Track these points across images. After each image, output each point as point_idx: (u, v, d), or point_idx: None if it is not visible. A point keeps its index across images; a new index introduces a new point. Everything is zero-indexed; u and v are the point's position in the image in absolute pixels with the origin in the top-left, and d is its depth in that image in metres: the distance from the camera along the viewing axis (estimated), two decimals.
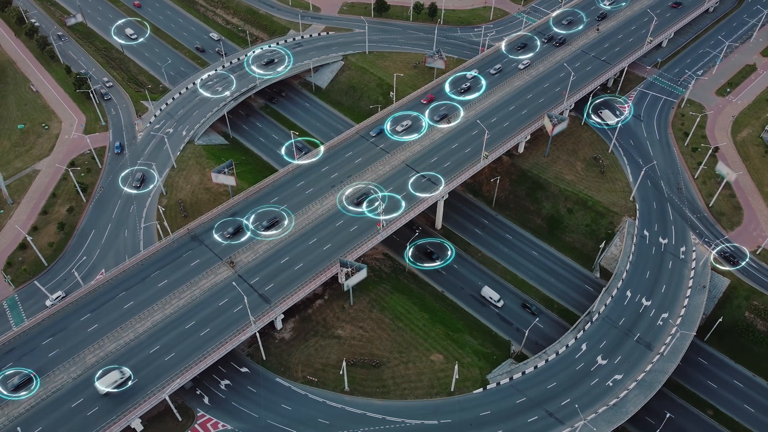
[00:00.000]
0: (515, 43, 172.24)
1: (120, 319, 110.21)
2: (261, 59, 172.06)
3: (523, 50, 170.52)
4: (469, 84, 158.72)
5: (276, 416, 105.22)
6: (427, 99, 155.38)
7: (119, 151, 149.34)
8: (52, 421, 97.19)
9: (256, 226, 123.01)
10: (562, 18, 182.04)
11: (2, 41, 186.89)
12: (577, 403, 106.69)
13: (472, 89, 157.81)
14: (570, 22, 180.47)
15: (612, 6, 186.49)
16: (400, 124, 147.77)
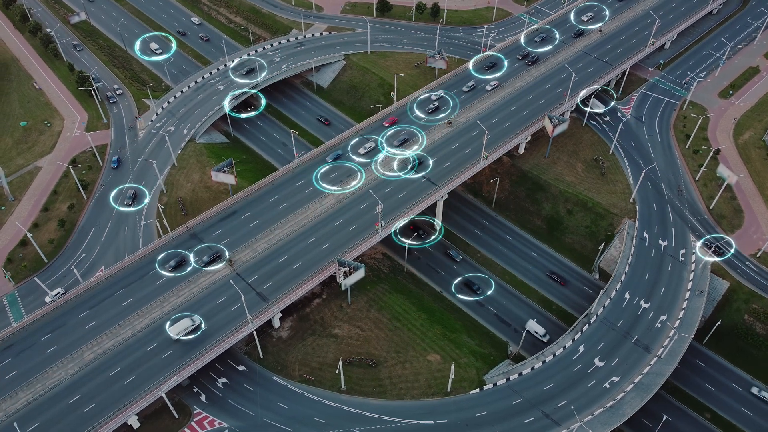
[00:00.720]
0: (484, 63, 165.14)
1: (118, 317, 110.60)
2: (241, 68, 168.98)
3: (491, 70, 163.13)
4: (437, 104, 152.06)
5: (272, 414, 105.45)
6: (388, 122, 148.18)
7: (116, 165, 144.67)
8: (48, 417, 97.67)
9: (197, 261, 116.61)
10: (535, 35, 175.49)
11: (6, 39, 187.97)
12: (573, 405, 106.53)
13: (441, 110, 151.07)
14: (543, 39, 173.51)
15: (590, 24, 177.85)
16: (363, 146, 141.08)
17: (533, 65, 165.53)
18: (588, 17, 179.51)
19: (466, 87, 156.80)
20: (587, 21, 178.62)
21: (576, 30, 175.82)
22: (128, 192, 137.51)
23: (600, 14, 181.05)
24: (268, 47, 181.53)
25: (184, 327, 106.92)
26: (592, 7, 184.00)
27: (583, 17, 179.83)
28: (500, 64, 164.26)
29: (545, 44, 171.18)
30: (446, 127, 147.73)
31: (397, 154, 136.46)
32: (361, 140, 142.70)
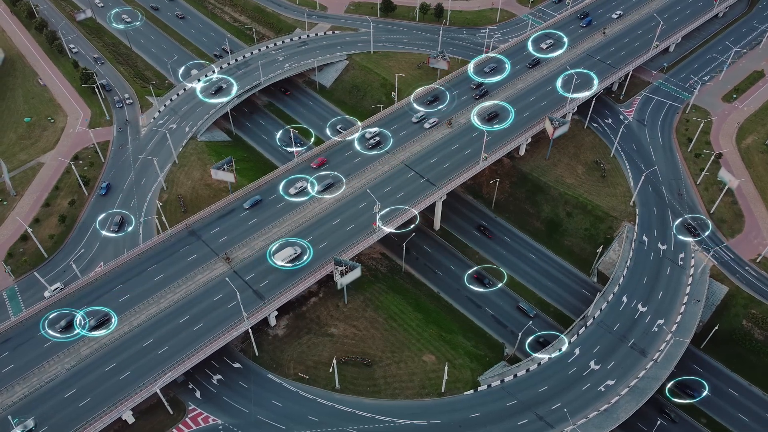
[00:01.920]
0: (426, 96, 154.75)
1: (115, 312, 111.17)
2: (209, 90, 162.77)
3: (433, 104, 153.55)
4: (378, 139, 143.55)
5: (266, 412, 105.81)
6: (317, 163, 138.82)
7: (104, 192, 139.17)
8: (44, 411, 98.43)
9: (84, 325, 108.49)
10: (483, 66, 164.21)
11: (12, 35, 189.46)
12: (568, 408, 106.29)
13: (381, 145, 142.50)
14: (492, 70, 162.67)
15: (548, 52, 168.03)
16: (294, 186, 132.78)
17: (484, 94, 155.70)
18: (548, 44, 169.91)
19: (430, 122, 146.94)
20: (546, 48, 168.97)
21: (532, 59, 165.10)
22: (115, 218, 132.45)
23: (560, 42, 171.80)
24: (272, 46, 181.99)
25: (288, 255, 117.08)
26: (552, 34, 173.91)
27: (542, 45, 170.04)
28: (443, 98, 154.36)
29: (495, 74, 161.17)
30: (446, 127, 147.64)
31: (324, 198, 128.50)
32: (293, 180, 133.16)
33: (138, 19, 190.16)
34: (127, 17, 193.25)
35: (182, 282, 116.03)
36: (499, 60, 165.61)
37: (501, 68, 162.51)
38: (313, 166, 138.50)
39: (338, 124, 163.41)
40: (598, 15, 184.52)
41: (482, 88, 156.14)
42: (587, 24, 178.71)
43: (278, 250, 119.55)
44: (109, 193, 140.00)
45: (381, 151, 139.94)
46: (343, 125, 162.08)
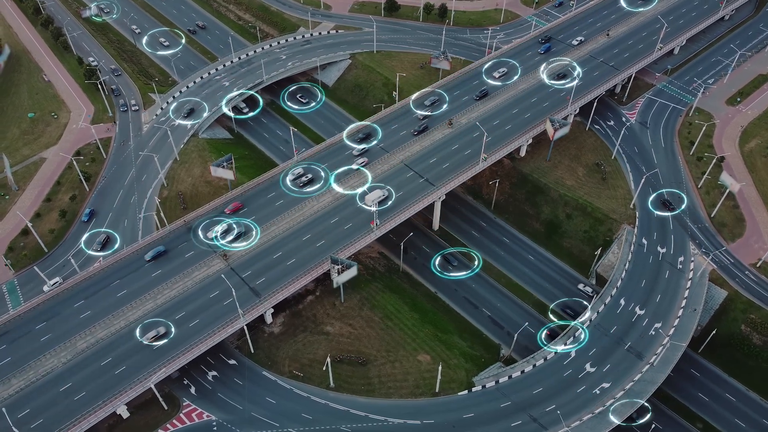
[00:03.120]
0: (356, 135, 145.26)
1: (112, 307, 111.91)
2: (181, 111, 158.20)
3: (364, 140, 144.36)
4: (310, 176, 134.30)
5: (260, 409, 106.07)
6: (230, 209, 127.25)
7: (87, 219, 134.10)
8: (39, 404, 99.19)
9: None
10: (424, 99, 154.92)
11: (18, 31, 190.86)
12: (562, 410, 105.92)
13: (314, 182, 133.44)
14: (433, 103, 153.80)
15: (501, 80, 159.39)
16: (212, 229, 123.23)
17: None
18: (500, 73, 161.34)
19: (358, 163, 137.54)
20: (499, 77, 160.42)
21: (481, 90, 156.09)
22: (99, 237, 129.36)
23: (513, 70, 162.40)
24: (275, 44, 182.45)
25: (378, 196, 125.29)
26: (506, 63, 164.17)
27: (494, 73, 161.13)
28: (375, 134, 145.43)
29: (437, 107, 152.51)
30: (447, 127, 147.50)
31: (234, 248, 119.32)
32: (212, 222, 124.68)
33: (177, 46, 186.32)
34: (165, 41, 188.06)
35: (179, 278, 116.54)
36: (440, 95, 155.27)
37: (442, 102, 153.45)
38: (227, 212, 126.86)
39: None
40: (559, 41, 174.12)
41: (423, 123, 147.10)
42: (545, 51, 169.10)
43: (368, 191, 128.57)
44: (92, 220, 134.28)
45: (315, 188, 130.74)
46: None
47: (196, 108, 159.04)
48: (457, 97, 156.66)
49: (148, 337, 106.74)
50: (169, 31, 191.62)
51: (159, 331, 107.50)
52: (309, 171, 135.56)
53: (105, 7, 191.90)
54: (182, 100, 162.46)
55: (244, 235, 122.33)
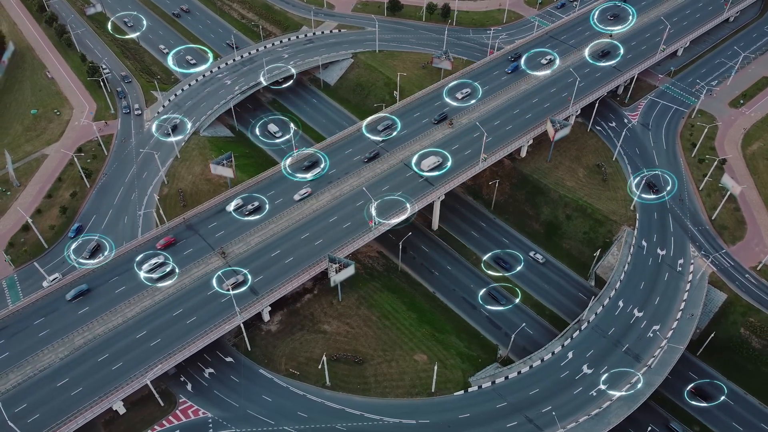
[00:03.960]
0: (301, 164, 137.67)
1: (110, 303, 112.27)
2: (163, 128, 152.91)
3: (309, 169, 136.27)
4: (257, 204, 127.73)
5: (256, 407, 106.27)
6: (163, 243, 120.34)
7: (73, 235, 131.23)
8: (36, 399, 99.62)
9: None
10: (378, 123, 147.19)
11: (23, 28, 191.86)
12: (558, 411, 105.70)
13: (260, 210, 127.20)
14: (387, 127, 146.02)
15: (463, 101, 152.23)
16: (149, 262, 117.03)
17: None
18: (463, 95, 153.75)
19: (300, 193, 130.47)
20: (462, 99, 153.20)
21: (439, 114, 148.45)
22: (90, 244, 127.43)
23: (475, 92, 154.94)
24: (277, 43, 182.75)
25: (433, 162, 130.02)
26: (466, 84, 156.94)
27: (457, 94, 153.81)
28: (320, 162, 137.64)
29: (389, 131, 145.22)
30: (447, 127, 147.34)
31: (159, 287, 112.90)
32: (150, 255, 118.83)
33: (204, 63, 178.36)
34: (192, 59, 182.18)
35: (177, 275, 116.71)
36: (392, 120, 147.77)
37: (394, 127, 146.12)
38: (158, 247, 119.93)
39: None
40: (529, 59, 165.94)
41: (373, 150, 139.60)
42: (513, 70, 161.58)
43: (422, 158, 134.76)
44: (78, 236, 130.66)
45: (260, 216, 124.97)
46: None
47: (179, 125, 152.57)
48: (416, 120, 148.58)
49: (228, 283, 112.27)
50: (196, 49, 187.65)
51: (238, 279, 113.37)
52: (252, 200, 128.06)
53: (129, 21, 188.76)
54: (164, 117, 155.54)
55: (169, 273, 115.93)
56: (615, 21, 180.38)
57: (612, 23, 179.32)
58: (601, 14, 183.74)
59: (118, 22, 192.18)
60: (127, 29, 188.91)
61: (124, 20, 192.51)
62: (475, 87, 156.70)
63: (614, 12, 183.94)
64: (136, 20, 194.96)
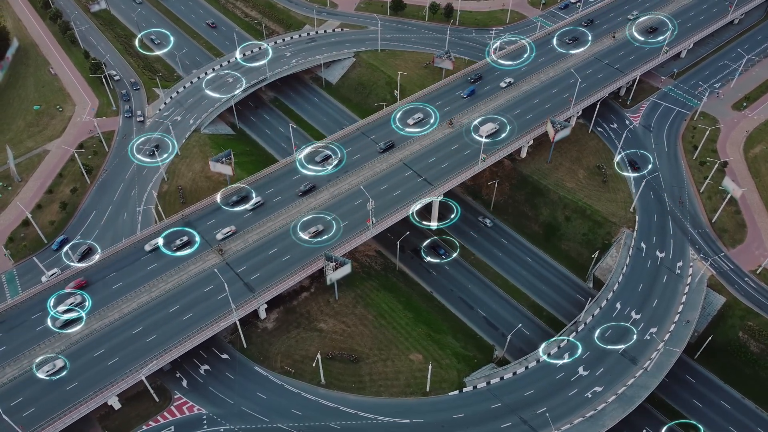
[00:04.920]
0: (230, 198, 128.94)
1: (107, 299, 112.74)
2: (145, 148, 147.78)
3: (241, 203, 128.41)
4: (186, 239, 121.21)
5: (250, 404, 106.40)
6: (73, 285, 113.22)
7: (57, 248, 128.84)
8: (32, 393, 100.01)
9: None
10: (315, 155, 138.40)
11: (27, 24, 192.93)
12: (553, 413, 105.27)
13: (189, 245, 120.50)
14: (324, 159, 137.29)
15: (416, 126, 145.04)
16: (63, 302, 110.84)
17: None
18: (415, 120, 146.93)
19: (224, 232, 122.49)
20: (413, 124, 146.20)
21: (386, 142, 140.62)
22: (81, 248, 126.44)
23: (427, 116, 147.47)
24: (280, 42, 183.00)
25: (490, 129, 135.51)
26: (420, 108, 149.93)
27: (409, 120, 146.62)
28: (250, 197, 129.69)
29: (328, 164, 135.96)
30: (447, 127, 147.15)
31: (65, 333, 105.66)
32: (64, 296, 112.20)
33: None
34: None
35: (175, 272, 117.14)
36: (333, 149, 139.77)
37: (335, 157, 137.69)
38: (67, 290, 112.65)
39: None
40: (490, 80, 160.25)
41: (307, 184, 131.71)
42: (469, 94, 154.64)
43: (482, 123, 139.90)
44: (62, 249, 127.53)
45: (190, 251, 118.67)
46: None
47: (161, 144, 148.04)
48: (361, 148, 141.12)
49: (310, 232, 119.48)
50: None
51: (318, 228, 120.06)
52: (183, 234, 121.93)
53: (156, 38, 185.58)
54: (145, 136, 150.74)
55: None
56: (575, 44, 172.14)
57: (573, 46, 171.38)
58: None
59: (146, 40, 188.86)
60: (155, 46, 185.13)
61: (151, 37, 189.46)
62: (428, 111, 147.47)
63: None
64: (162, 37, 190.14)
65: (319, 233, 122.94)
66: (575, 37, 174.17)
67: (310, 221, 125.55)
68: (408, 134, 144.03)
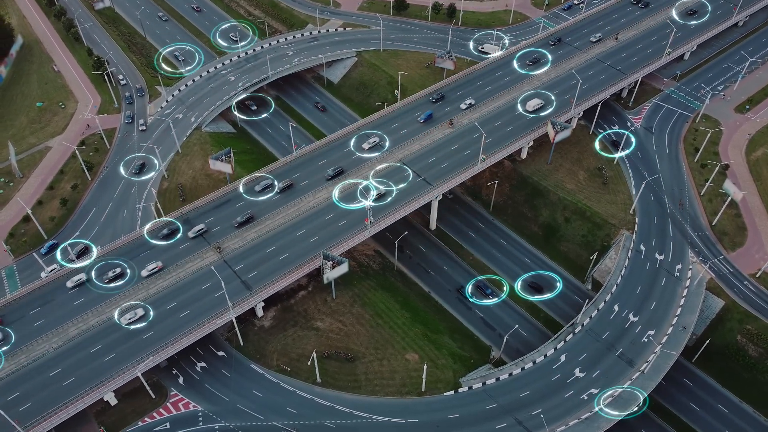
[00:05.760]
0: (160, 232, 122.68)
1: (105, 295, 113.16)
2: (131, 166, 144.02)
3: (170, 237, 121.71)
4: (119, 271, 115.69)
5: (246, 401, 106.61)
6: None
7: (46, 252, 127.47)
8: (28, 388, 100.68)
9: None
10: (255, 183, 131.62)
11: (32, 21, 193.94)
12: (549, 414, 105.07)
13: (122, 278, 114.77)
14: (264, 188, 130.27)
15: (371, 152, 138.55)
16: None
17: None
18: (370, 144, 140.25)
19: (149, 269, 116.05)
20: (368, 149, 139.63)
21: (335, 169, 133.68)
22: (77, 247, 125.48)
23: (383, 141, 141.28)
24: (282, 41, 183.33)
25: (537, 104, 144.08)
26: (374, 133, 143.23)
27: (364, 144, 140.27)
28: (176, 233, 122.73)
29: (266, 192, 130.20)
30: (447, 127, 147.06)
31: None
32: None
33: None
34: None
35: (173, 269, 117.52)
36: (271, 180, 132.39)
37: (272, 187, 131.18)
38: None
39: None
40: (452, 100, 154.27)
41: (246, 214, 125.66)
42: (426, 119, 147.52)
43: (528, 99, 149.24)
44: (51, 253, 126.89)
45: (119, 284, 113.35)
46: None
47: (147, 162, 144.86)
48: (306, 176, 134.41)
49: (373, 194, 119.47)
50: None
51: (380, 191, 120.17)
52: (114, 266, 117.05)
53: (182, 56, 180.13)
54: (130, 157, 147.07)
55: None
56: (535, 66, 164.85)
57: (533, 68, 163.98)
58: None
59: (170, 56, 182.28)
60: (178, 63, 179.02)
61: (175, 54, 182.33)
62: (382, 137, 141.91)
63: None
64: (188, 54, 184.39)
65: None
66: (536, 58, 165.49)
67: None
68: (362, 158, 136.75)
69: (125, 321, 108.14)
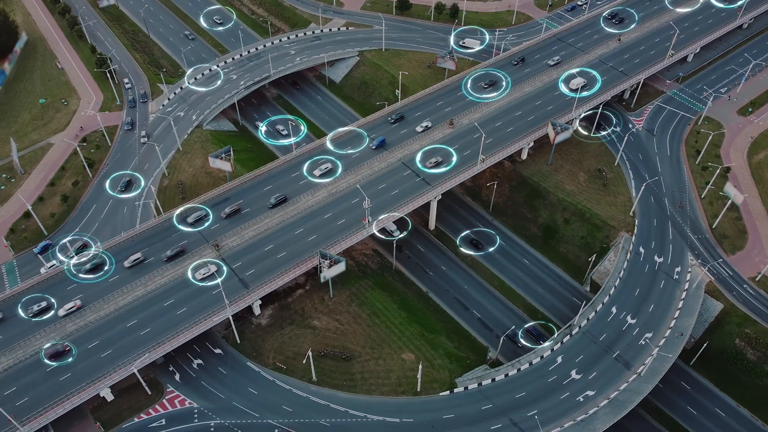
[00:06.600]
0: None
1: (103, 292, 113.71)
2: (118, 183, 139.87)
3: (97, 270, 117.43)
4: (44, 305, 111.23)
5: (242, 399, 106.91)
6: None
7: (39, 251, 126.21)
8: (25, 383, 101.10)
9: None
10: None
11: (36, 18, 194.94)
12: (544, 416, 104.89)
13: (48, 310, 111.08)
14: (198, 219, 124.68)
15: (321, 177, 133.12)
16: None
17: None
18: (322, 171, 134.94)
19: (66, 308, 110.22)
20: (320, 175, 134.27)
21: (277, 197, 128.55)
22: (77, 243, 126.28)
23: (335, 167, 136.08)
24: (284, 39, 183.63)
25: (579, 83, 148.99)
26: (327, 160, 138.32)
27: (315, 171, 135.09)
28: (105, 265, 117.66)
29: (200, 224, 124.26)
30: (448, 127, 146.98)
31: None
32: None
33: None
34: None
35: (171, 266, 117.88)
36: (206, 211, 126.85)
37: (206, 218, 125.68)
38: None
39: None
40: (410, 121, 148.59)
41: (177, 248, 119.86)
42: (379, 145, 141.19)
43: (570, 78, 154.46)
44: (45, 253, 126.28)
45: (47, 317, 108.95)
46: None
47: (134, 180, 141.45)
48: (250, 203, 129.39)
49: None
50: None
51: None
52: (41, 299, 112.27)
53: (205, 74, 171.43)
54: (116, 174, 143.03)
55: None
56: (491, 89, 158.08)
57: (488, 91, 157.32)
58: None
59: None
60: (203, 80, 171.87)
61: (203, 72, 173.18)
62: (336, 163, 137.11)
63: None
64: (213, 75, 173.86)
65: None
66: (492, 81, 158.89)
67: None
68: (314, 183, 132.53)
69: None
